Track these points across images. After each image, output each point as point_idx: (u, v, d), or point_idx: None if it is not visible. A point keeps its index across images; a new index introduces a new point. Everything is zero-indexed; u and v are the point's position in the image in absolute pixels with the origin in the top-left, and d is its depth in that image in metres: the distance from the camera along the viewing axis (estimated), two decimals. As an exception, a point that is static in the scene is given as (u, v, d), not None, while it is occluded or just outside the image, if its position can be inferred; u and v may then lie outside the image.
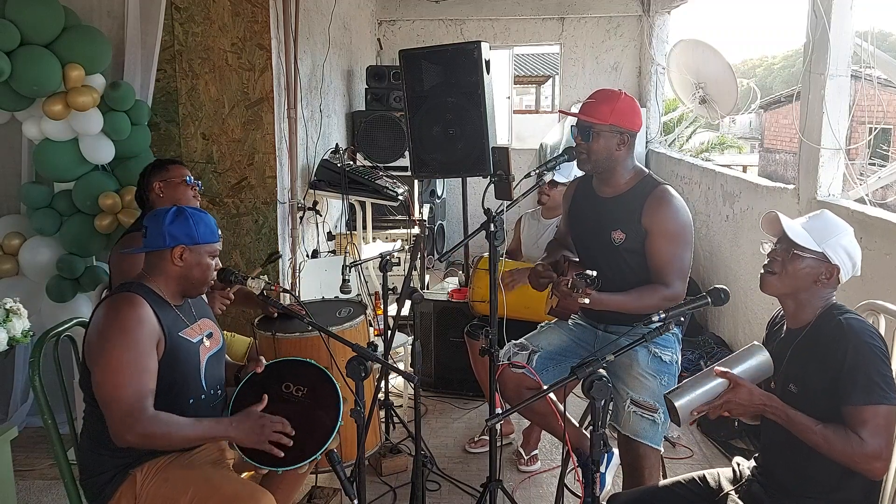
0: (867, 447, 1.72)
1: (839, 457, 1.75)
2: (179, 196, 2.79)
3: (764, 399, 1.83)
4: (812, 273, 1.89)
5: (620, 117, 2.46)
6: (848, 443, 1.73)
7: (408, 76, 4.13)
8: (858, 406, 1.74)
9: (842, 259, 1.89)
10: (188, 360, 2.08)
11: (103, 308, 2.02)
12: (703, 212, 5.17)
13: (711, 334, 4.72)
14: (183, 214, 2.09)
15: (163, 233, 2.06)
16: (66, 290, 3.46)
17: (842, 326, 1.82)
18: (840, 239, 1.90)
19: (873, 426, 1.72)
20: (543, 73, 18.12)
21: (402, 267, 5.18)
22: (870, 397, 1.73)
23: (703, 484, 2.10)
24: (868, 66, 3.50)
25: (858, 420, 1.74)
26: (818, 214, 1.98)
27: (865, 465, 1.74)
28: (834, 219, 1.96)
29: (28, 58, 3.05)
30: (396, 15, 7.61)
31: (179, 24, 3.92)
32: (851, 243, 1.92)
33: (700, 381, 1.88)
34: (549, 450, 3.57)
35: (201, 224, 2.09)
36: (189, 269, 2.08)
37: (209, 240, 2.11)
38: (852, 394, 1.75)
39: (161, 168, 2.84)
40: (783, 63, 38.37)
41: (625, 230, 2.48)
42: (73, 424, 2.29)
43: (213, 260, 2.14)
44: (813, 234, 1.90)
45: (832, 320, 1.86)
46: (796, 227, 1.93)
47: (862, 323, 1.85)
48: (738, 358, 1.90)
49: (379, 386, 3.22)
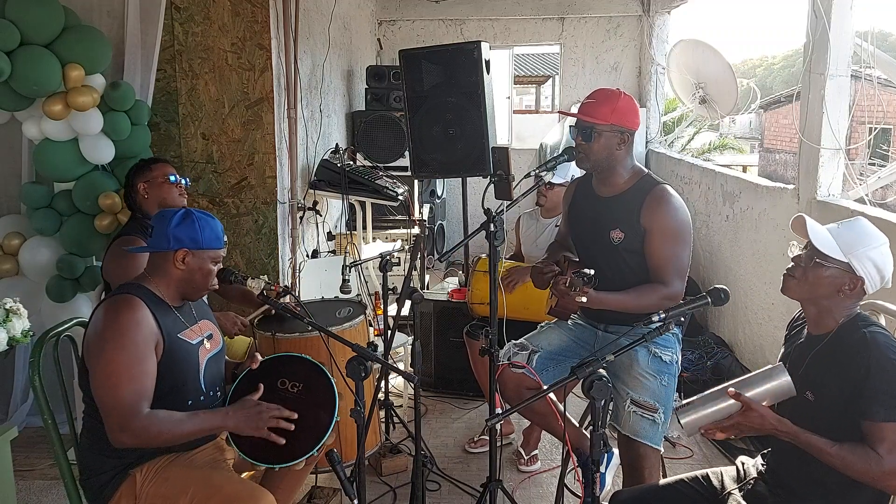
0: (885, 464, 1.69)
1: (856, 475, 1.73)
2: (164, 195, 2.79)
3: (776, 424, 1.79)
4: (835, 283, 1.83)
5: (621, 117, 2.46)
6: (866, 461, 1.71)
7: (408, 76, 4.13)
8: (878, 423, 1.71)
9: (868, 271, 1.82)
10: (187, 361, 2.08)
11: (102, 310, 2.01)
12: (703, 212, 5.17)
13: (711, 334, 4.72)
14: (190, 218, 2.08)
15: (167, 235, 2.05)
16: (66, 290, 3.46)
17: (866, 339, 1.78)
18: (869, 250, 1.82)
19: (892, 443, 1.70)
20: (543, 73, 18.13)
21: (402, 267, 5.18)
22: (891, 413, 1.71)
23: (706, 482, 2.10)
24: (868, 66, 3.49)
25: (878, 436, 1.71)
26: (852, 221, 1.89)
27: (883, 482, 1.72)
28: (867, 228, 1.87)
29: (28, 58, 3.05)
30: (396, 15, 7.61)
31: (179, 24, 3.92)
32: (883, 255, 1.84)
33: (712, 400, 1.85)
34: (549, 450, 3.57)
35: (207, 229, 2.08)
36: (191, 273, 2.08)
37: (214, 245, 2.10)
38: (873, 408, 1.72)
39: (144, 168, 2.84)
40: (783, 63, 38.38)
41: (624, 229, 2.48)
42: (73, 424, 2.29)
43: (216, 266, 2.13)
44: (841, 242, 1.83)
45: (856, 332, 1.81)
46: (823, 233, 1.86)
47: (887, 338, 1.80)
48: (756, 379, 1.84)
49: (379, 386, 3.22)
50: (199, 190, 4.05)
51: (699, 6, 27.42)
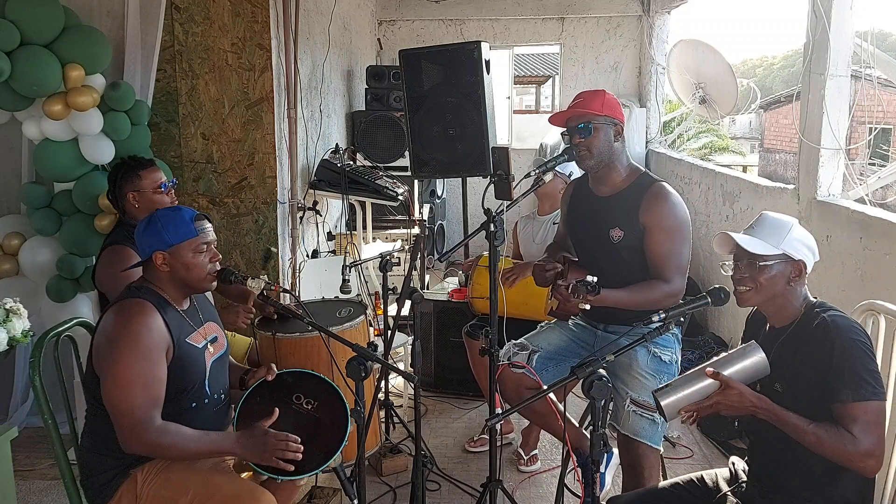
0: (860, 444, 1.72)
1: (833, 455, 1.75)
2: (156, 205, 2.69)
3: (755, 401, 1.82)
4: (783, 275, 1.90)
5: (611, 109, 2.51)
6: (840, 441, 1.73)
7: (408, 76, 4.13)
8: (848, 403, 1.74)
9: (802, 252, 1.91)
10: (194, 365, 2.08)
11: (112, 314, 2.01)
12: (703, 212, 5.17)
13: (711, 334, 4.72)
14: (152, 221, 2.06)
15: (140, 245, 2.07)
16: (66, 290, 3.46)
17: (826, 324, 1.82)
18: (791, 234, 1.92)
19: (864, 423, 1.73)
20: (543, 73, 18.14)
21: (402, 267, 5.18)
22: (858, 393, 1.74)
23: (702, 485, 2.10)
24: (868, 66, 3.49)
25: (849, 417, 1.74)
26: (760, 219, 1.99)
27: (860, 462, 1.74)
28: (776, 217, 1.97)
29: (28, 58, 3.05)
30: (396, 15, 7.60)
31: (179, 24, 3.92)
32: (803, 233, 1.94)
33: (690, 381, 1.87)
34: (549, 450, 3.57)
35: (170, 224, 2.04)
36: (175, 271, 2.06)
37: (185, 237, 2.04)
38: (841, 391, 1.75)
39: (132, 175, 2.74)
40: (783, 63, 38.37)
41: (623, 227, 2.49)
42: (73, 424, 2.29)
43: (203, 255, 2.07)
44: (767, 239, 1.91)
45: (816, 318, 1.86)
46: (750, 239, 1.93)
47: (847, 320, 1.85)
48: (732, 358, 1.88)
49: (379, 386, 3.22)
50: (199, 190, 4.05)
51: (699, 6, 27.42)
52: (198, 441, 1.96)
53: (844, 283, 3.15)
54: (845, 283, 3.14)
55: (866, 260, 3.04)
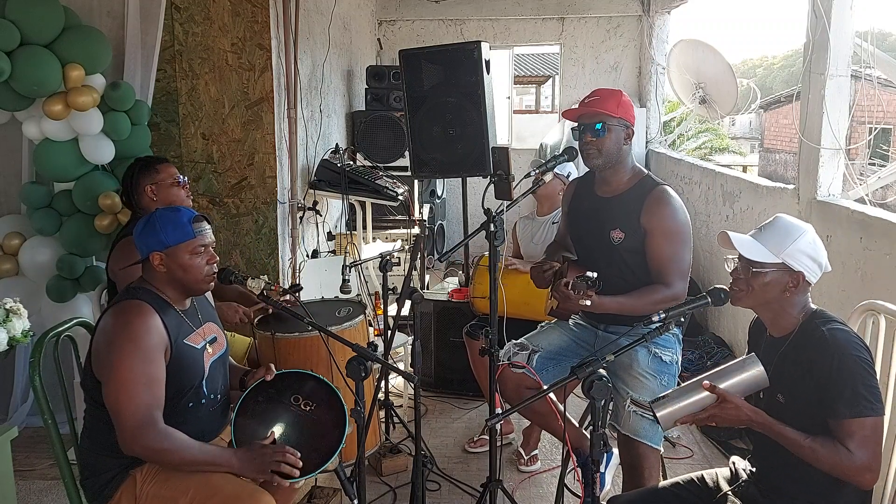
0: (856, 459, 1.72)
1: (829, 469, 1.75)
2: (173, 198, 2.72)
3: (751, 415, 1.81)
4: (778, 284, 1.86)
5: (625, 111, 2.51)
6: (837, 455, 1.73)
7: (408, 76, 4.13)
8: (844, 420, 1.74)
9: (804, 264, 1.85)
10: (192, 366, 2.08)
11: (111, 315, 2.01)
12: (703, 212, 5.17)
13: (711, 334, 4.72)
14: (150, 221, 2.06)
15: (138, 244, 2.06)
16: (66, 290, 3.46)
17: (825, 339, 1.79)
18: (798, 243, 1.85)
19: (860, 438, 1.72)
20: (543, 73, 18.16)
21: (402, 267, 5.18)
22: (855, 410, 1.73)
23: (702, 484, 2.10)
24: (868, 66, 3.49)
25: (845, 433, 1.73)
26: (772, 222, 1.93)
27: (856, 476, 1.74)
28: (789, 222, 1.91)
29: (28, 58, 3.05)
30: (396, 15, 7.60)
31: (179, 24, 3.92)
32: (812, 244, 1.87)
33: (687, 393, 1.86)
34: (549, 450, 3.57)
35: (168, 225, 2.04)
36: (173, 272, 2.05)
37: (181, 239, 2.04)
38: (838, 407, 1.74)
39: (149, 169, 2.75)
40: (783, 63, 38.36)
41: (624, 229, 2.48)
42: (73, 424, 2.29)
43: (200, 257, 2.07)
44: (770, 244, 1.87)
45: (816, 331, 1.83)
46: (749, 243, 1.90)
47: (846, 334, 1.82)
48: (731, 370, 1.86)
49: (379, 386, 3.22)
50: (199, 190, 4.05)
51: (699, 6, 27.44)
52: (197, 450, 1.96)
53: (844, 283, 3.14)
54: (845, 283, 3.14)
55: (866, 260, 3.04)
